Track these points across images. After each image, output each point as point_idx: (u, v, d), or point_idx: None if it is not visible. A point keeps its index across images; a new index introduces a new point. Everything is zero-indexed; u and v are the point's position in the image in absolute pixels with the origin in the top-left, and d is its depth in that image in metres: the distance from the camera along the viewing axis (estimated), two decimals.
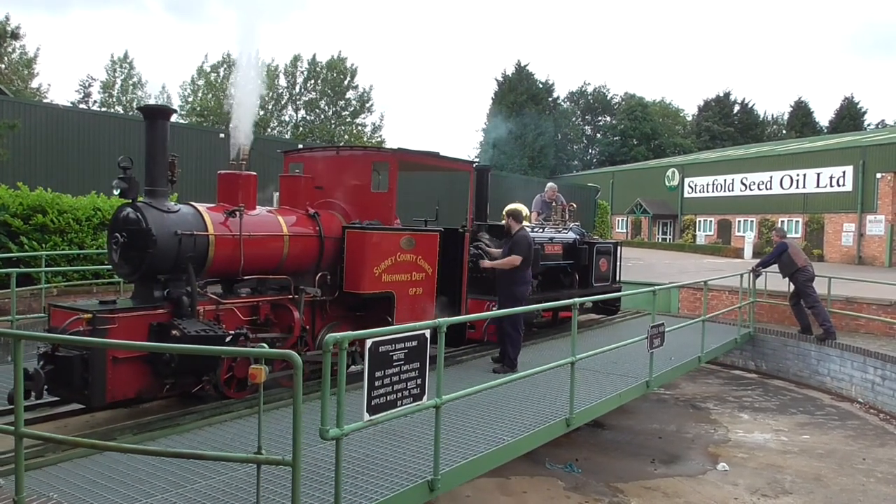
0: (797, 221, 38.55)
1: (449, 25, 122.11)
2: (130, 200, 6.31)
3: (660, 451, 9.56)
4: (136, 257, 6.26)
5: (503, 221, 9.29)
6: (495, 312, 8.20)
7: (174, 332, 6.01)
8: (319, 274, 7.56)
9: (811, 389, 12.99)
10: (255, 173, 7.36)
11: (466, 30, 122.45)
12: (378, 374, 4.41)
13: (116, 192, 6.29)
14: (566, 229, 12.36)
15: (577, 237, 12.18)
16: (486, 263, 9.14)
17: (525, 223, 11.10)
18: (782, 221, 39.40)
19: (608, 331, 12.47)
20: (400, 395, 4.59)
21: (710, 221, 44.95)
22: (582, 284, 12.02)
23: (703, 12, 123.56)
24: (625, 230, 52.75)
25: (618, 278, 13.11)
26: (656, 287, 9.83)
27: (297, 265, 7.42)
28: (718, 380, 13.90)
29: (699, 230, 45.81)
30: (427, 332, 4.78)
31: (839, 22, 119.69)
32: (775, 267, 13.00)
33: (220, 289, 7.17)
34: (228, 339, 6.24)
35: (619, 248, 13.32)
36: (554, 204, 12.86)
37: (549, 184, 13.57)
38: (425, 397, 4.79)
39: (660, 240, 48.97)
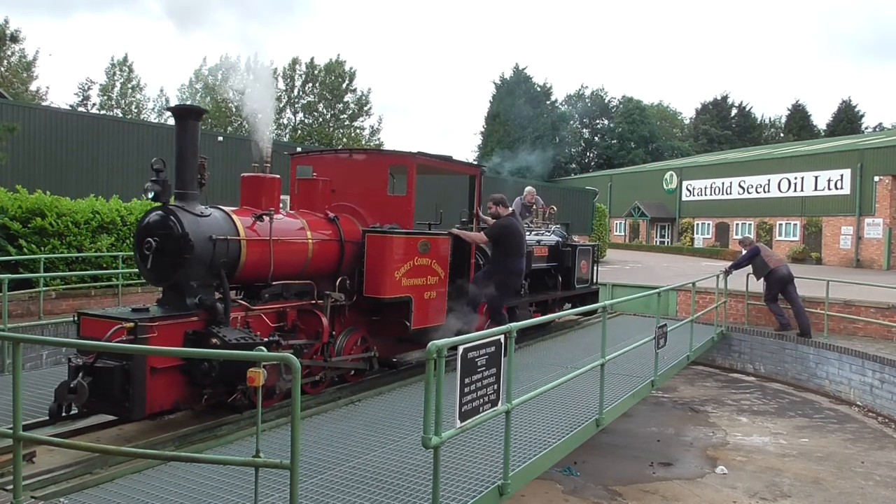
0: (795, 224, 38.60)
1: (447, 29, 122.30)
2: (161, 204, 6.06)
3: (658, 455, 9.56)
4: (171, 263, 6.01)
5: (490, 210, 9.25)
6: (563, 313, 8.08)
7: (213, 339, 5.80)
8: (339, 278, 7.47)
9: (809, 392, 13.00)
10: (278, 176, 7.27)
11: (465, 33, 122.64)
12: (467, 380, 4.43)
13: (150, 196, 6.00)
14: (548, 232, 12.49)
15: (560, 240, 12.34)
16: (454, 230, 8.94)
17: None
18: (780, 224, 39.48)
19: (593, 331, 12.58)
20: (482, 400, 4.60)
21: (708, 224, 45.03)
22: (565, 286, 12.18)
23: (701, 16, 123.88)
24: (623, 233, 52.80)
25: (595, 280, 13.33)
26: (660, 289, 9.92)
27: (319, 270, 7.32)
28: (717, 383, 13.90)
29: (697, 233, 45.87)
30: (502, 338, 4.79)
31: (837, 25, 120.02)
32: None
33: (235, 294, 7.05)
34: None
35: (596, 250, 13.61)
36: (534, 207, 12.94)
37: (528, 187, 13.52)
38: (500, 402, 4.80)
39: (658, 243, 49.05)
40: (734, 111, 76.50)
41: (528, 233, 11.94)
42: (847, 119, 68.53)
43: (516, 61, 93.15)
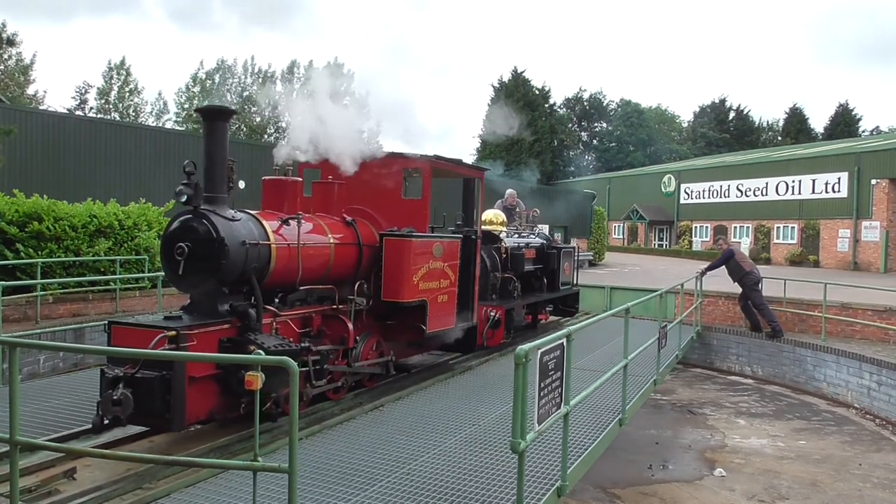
0: (793, 227, 38.63)
1: (445, 32, 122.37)
2: (193, 208, 5.87)
3: (657, 457, 9.56)
4: (205, 269, 5.84)
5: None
6: (610, 312, 8.21)
7: (251, 347, 5.67)
8: (357, 283, 7.42)
9: (807, 395, 13.02)
10: (300, 179, 7.24)
11: (462, 37, 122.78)
12: (542, 384, 4.46)
13: (182, 200, 5.79)
14: (532, 234, 12.58)
15: (544, 242, 12.48)
16: None
17: (502, 229, 11.40)
18: (778, 227, 39.52)
19: (577, 331, 12.69)
20: (551, 403, 4.63)
21: (706, 227, 45.05)
22: (550, 288, 12.30)
23: (699, 19, 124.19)
24: (621, 236, 52.85)
25: (576, 281, 13.54)
26: (662, 291, 10.08)
27: (340, 274, 7.27)
28: (715, 385, 13.90)
29: (695, 236, 45.89)
30: (565, 342, 4.83)
31: (835, 29, 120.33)
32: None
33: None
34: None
35: (576, 251, 14.03)
36: (518, 210, 12.99)
37: (509, 190, 13.55)
38: (563, 405, 4.84)
39: (656, 246, 49.07)
40: (732, 114, 76.60)
41: (514, 235, 12.08)
42: (844, 122, 68.67)
43: (515, 64, 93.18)
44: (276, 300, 6.65)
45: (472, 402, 7.32)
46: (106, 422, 5.31)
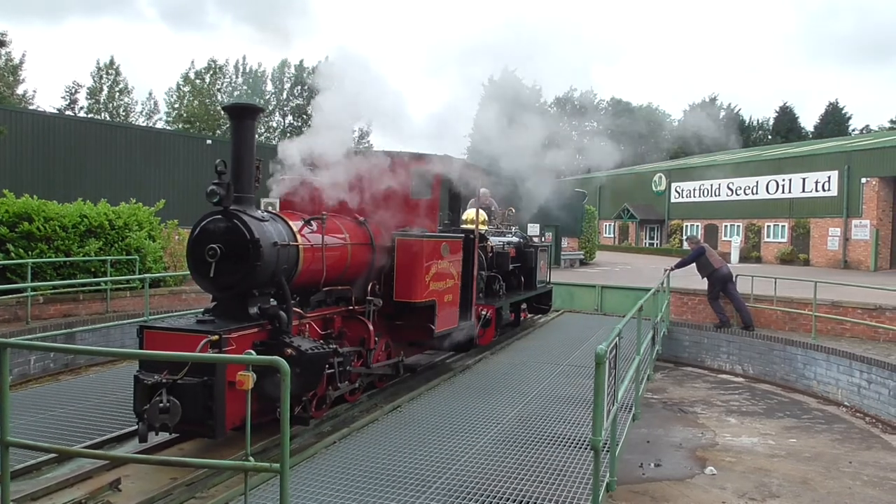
0: (783, 226, 38.81)
1: (437, 28, 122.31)
2: (223, 208, 5.77)
3: (648, 455, 9.58)
4: (239, 270, 5.72)
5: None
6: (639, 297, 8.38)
7: (288, 350, 5.60)
8: (370, 283, 7.40)
9: (798, 393, 13.08)
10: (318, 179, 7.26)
11: (454, 35, 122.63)
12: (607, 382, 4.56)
13: (215, 200, 5.68)
14: (509, 233, 12.68)
15: (521, 240, 12.61)
16: None
17: (485, 228, 11.56)
18: (768, 226, 39.70)
19: (556, 329, 12.93)
20: (611, 402, 4.70)
21: (697, 226, 45.19)
22: (527, 286, 12.41)
23: (691, 18, 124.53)
24: (612, 235, 52.97)
25: (549, 279, 13.73)
26: (654, 289, 10.18)
27: (355, 274, 7.27)
28: (705, 384, 13.95)
29: (686, 235, 46.03)
30: (617, 340, 4.94)
31: (825, 28, 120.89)
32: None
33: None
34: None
35: (551, 248, 14.44)
36: (493, 208, 13.04)
37: (482, 189, 13.60)
38: (617, 402, 4.94)
39: (647, 245, 49.21)
40: (722, 113, 76.87)
41: (503, 235, 12.16)
42: (834, 121, 69.01)
43: (505, 63, 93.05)
44: (294, 301, 6.58)
45: (487, 402, 7.37)
46: (155, 429, 5.15)
